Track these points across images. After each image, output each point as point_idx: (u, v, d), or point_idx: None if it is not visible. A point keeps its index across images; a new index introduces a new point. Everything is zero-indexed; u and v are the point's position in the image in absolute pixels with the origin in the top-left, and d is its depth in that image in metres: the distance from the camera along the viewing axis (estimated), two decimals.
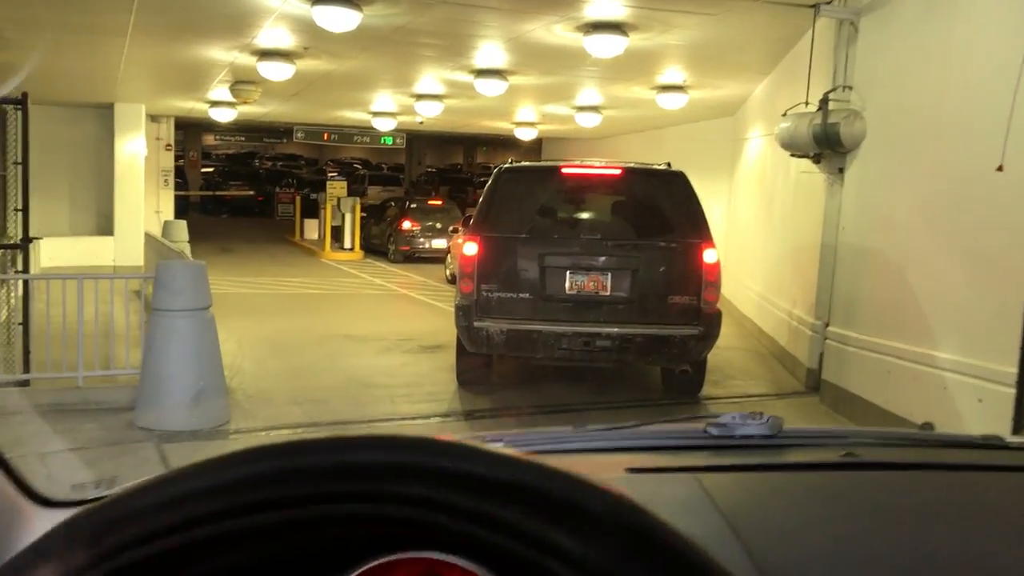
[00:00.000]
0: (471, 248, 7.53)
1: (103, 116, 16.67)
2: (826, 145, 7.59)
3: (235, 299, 14.00)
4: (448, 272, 16.96)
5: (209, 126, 36.87)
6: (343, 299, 15.00)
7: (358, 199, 21.96)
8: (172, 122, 20.09)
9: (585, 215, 8.24)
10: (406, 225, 20.62)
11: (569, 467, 0.59)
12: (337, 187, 22.84)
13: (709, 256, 7.57)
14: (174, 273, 6.44)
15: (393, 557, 0.71)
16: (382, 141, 22.01)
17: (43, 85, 14.75)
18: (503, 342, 7.44)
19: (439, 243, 19.34)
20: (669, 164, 8.12)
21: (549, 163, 8.21)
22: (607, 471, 1.26)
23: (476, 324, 7.42)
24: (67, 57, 12.06)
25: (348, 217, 21.52)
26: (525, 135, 18.88)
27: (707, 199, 8.53)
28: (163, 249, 14.45)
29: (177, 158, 40.39)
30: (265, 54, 11.14)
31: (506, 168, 7.91)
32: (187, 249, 14.50)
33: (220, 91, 14.83)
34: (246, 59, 11.47)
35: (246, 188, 33.67)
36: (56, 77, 13.84)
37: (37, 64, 12.71)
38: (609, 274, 7.45)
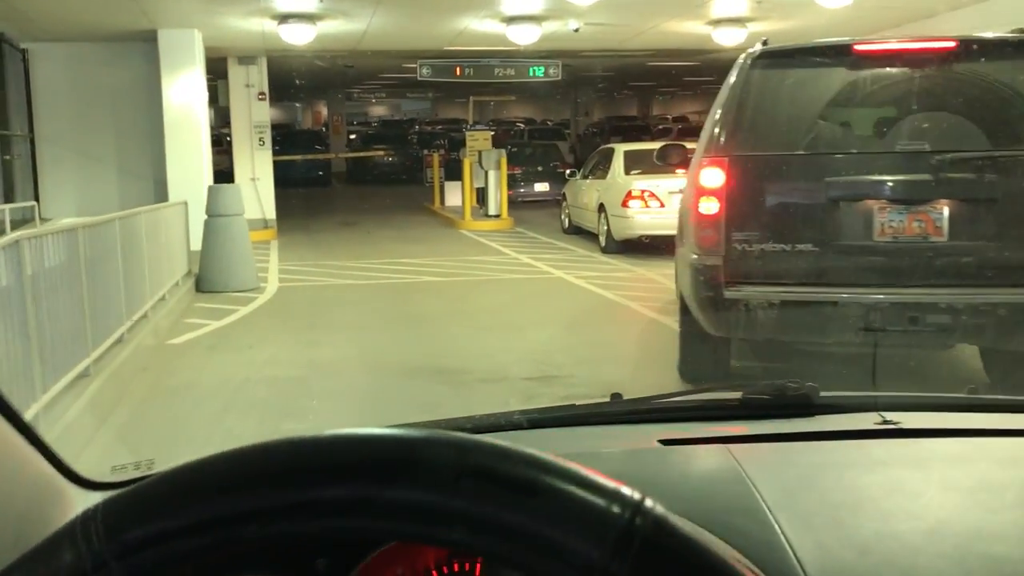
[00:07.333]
0: (713, 177, 4.98)
1: (150, 51, 12.41)
2: None
3: (317, 295, 9.97)
4: (567, 221, 15.37)
5: (348, 91, 33.74)
6: (467, 290, 10.26)
7: (503, 151, 17.12)
8: (264, 64, 15.82)
9: (899, 116, 5.27)
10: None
11: (601, 439, 0.64)
12: (479, 138, 18.12)
13: None
14: None
15: (384, 548, 0.80)
16: (531, 73, 16.89)
17: (53, 5, 10.62)
18: (772, 320, 5.09)
19: (541, 187, 20.40)
20: None
21: (832, 41, 5.27)
22: (639, 442, 1.28)
23: (728, 294, 5.01)
24: None
25: (492, 175, 16.84)
26: (728, 38, 13.30)
27: None
28: (214, 225, 10.11)
29: (323, 124, 37.74)
30: None
31: (762, 52, 5.17)
32: (240, 223, 10.09)
33: None
34: None
35: (383, 151, 29.81)
36: None
37: None
38: (945, 208, 4.90)
